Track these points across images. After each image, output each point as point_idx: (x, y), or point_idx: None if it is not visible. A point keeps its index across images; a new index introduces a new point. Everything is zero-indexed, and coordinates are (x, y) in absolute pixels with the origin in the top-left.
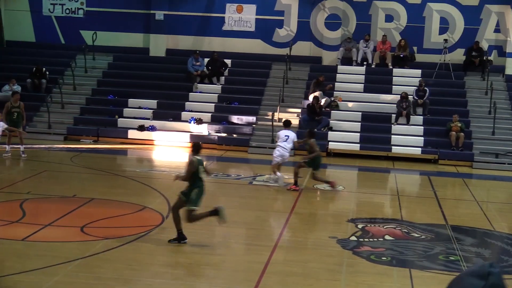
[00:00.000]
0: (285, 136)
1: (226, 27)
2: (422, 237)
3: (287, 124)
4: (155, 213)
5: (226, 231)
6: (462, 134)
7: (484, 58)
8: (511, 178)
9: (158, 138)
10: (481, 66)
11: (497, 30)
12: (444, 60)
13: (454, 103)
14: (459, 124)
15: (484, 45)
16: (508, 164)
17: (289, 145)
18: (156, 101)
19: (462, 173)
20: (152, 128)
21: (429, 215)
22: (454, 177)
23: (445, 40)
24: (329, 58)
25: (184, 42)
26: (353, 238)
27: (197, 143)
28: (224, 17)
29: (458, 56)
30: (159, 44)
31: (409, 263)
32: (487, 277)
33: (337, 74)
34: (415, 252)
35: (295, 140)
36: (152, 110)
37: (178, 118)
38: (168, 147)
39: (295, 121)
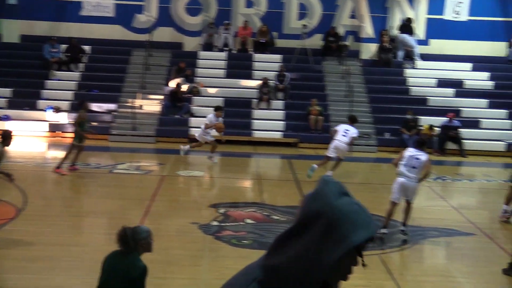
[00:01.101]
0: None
1: (83, 12)
2: (283, 219)
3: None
4: (9, 206)
5: (88, 221)
6: (321, 117)
7: (341, 43)
8: (367, 159)
9: (13, 128)
10: (338, 51)
11: (353, 16)
12: (304, 46)
13: (313, 87)
14: (318, 108)
15: (341, 31)
16: (364, 145)
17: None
18: (10, 89)
19: (321, 156)
20: (7, 118)
21: (290, 198)
22: (314, 159)
23: (304, 26)
24: (190, 44)
25: (40, 27)
26: (215, 223)
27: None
28: (81, 1)
29: (317, 41)
30: (12, 30)
31: None
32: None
33: (198, 60)
34: (275, 234)
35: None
36: (6, 99)
37: (34, 107)
38: (24, 137)
39: (157, 108)
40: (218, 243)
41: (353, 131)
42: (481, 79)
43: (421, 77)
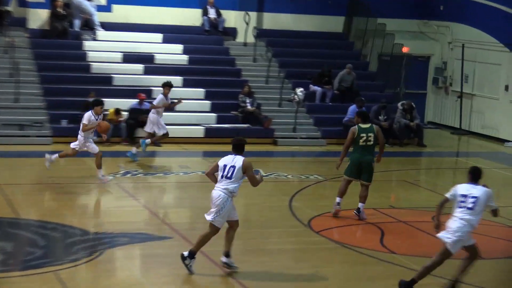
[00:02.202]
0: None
1: None
2: None
3: None
4: None
5: None
6: None
7: (2, 9)
8: (40, 153)
9: None
10: None
11: None
12: None
13: None
14: None
15: None
16: (35, 136)
17: None
18: None
19: None
20: None
21: None
22: None
23: None
24: None
25: None
26: None
27: None
28: None
29: None
30: None
31: None
32: None
33: None
34: None
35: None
36: None
37: None
38: None
39: None
40: None
41: (157, 99)
42: (174, 53)
43: (103, 51)
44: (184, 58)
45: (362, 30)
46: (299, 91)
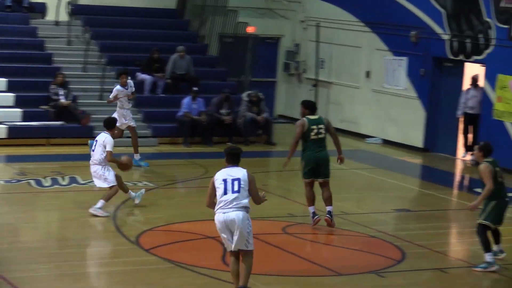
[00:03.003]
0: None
1: None
2: None
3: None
4: None
5: None
6: None
7: None
8: None
9: None
10: None
11: None
12: None
13: None
14: None
15: None
16: None
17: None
18: None
19: None
20: None
21: None
22: None
23: None
24: None
25: None
26: None
27: None
28: None
29: None
30: None
31: None
32: None
33: None
34: None
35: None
36: None
37: None
38: None
39: None
40: None
41: (113, 92)
42: None
43: None
44: None
45: (199, 6)
46: None
